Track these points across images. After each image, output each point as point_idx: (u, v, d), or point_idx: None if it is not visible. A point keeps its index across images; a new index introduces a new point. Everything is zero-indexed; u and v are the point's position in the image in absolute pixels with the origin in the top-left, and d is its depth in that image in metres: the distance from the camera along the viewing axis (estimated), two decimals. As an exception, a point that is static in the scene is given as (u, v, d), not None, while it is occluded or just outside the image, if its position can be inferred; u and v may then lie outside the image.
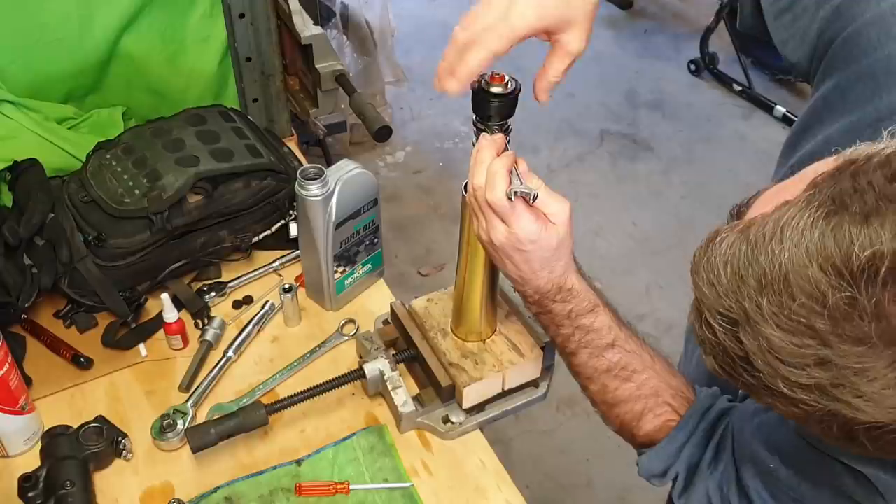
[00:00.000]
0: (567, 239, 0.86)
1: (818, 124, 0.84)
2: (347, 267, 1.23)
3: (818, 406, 0.55)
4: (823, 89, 0.83)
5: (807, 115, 0.87)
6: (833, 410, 0.55)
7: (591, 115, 3.58)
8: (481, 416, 1.10)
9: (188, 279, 1.28)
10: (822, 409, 0.55)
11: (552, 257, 0.86)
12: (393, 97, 3.42)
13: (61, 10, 1.30)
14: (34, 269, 1.15)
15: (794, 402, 0.56)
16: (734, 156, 3.31)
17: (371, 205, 1.20)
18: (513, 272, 0.89)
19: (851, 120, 0.78)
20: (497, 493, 1.03)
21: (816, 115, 0.84)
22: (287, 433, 1.09)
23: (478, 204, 0.87)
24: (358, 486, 1.02)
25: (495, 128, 0.86)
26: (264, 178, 1.27)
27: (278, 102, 1.53)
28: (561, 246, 0.86)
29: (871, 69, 0.76)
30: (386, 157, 3.30)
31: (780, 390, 0.56)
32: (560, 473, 2.23)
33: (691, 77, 3.83)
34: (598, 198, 3.14)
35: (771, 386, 0.57)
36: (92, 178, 1.22)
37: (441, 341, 1.10)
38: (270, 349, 1.20)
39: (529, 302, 0.92)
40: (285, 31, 1.49)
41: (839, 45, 0.80)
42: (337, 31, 2.87)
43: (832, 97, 0.82)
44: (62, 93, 1.40)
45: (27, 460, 1.04)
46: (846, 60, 0.79)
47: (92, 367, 1.16)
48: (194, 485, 1.03)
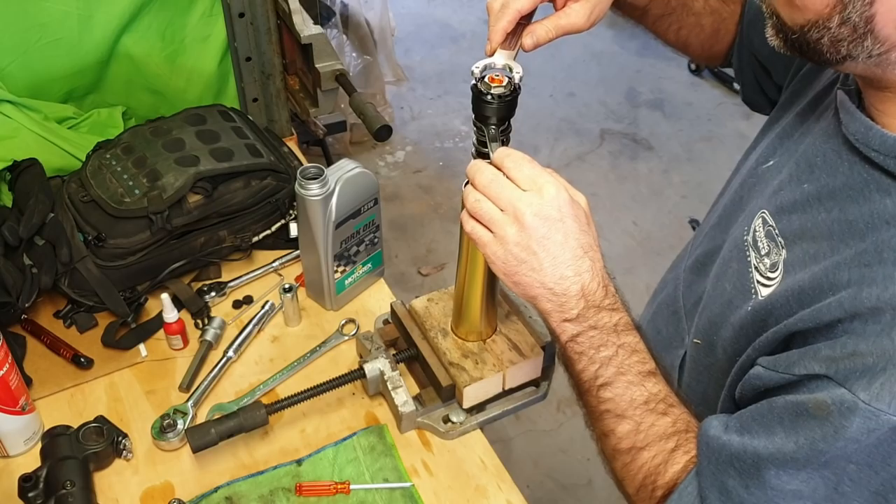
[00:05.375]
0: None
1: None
2: (347, 267, 1.23)
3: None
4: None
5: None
6: None
7: (591, 115, 3.58)
8: (481, 415, 1.10)
9: (188, 279, 1.28)
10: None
11: (589, 239, 0.78)
12: (393, 97, 3.42)
13: (61, 10, 1.30)
14: (34, 269, 1.15)
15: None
16: (735, 155, 3.26)
17: (371, 204, 1.20)
18: (551, 274, 0.76)
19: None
20: (497, 493, 1.03)
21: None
22: (287, 433, 1.09)
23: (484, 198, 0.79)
24: (358, 485, 1.02)
25: (493, 128, 0.86)
26: (264, 177, 1.27)
27: (278, 102, 1.53)
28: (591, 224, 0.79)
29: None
30: (386, 157, 3.30)
31: None
32: (560, 473, 2.23)
33: (692, 76, 3.83)
34: (599, 197, 3.14)
35: None
36: (92, 177, 1.22)
37: (441, 341, 1.10)
38: (270, 349, 1.20)
39: (569, 320, 0.78)
40: (285, 30, 1.49)
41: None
42: (337, 31, 2.88)
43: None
44: (62, 93, 1.40)
45: (27, 460, 1.04)
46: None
47: (92, 367, 1.16)
48: (194, 485, 1.03)
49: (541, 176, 0.78)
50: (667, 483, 0.78)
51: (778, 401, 0.70)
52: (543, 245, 0.76)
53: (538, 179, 0.78)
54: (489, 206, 0.79)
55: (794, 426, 0.67)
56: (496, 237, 0.78)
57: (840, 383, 0.65)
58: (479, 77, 0.84)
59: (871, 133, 0.71)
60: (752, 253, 0.83)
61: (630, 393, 0.78)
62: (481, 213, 0.79)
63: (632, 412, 0.78)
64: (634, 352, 0.79)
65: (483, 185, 0.79)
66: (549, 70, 3.76)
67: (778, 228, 0.80)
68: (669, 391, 0.80)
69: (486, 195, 0.79)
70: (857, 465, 0.66)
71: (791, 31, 0.70)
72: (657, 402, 0.78)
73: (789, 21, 0.70)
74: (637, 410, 0.78)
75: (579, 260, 0.77)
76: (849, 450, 0.65)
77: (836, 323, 0.68)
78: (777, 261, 0.78)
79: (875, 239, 0.69)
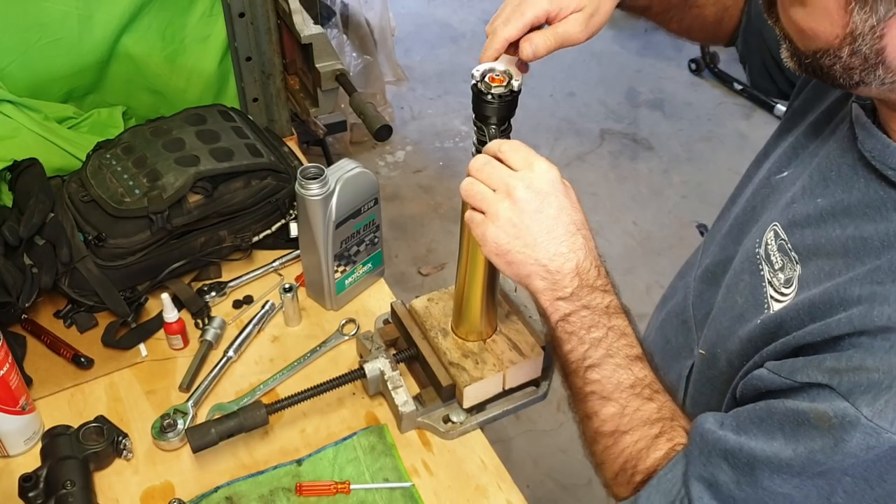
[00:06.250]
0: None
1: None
2: (347, 266, 1.23)
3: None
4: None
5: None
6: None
7: (591, 115, 3.58)
8: (482, 415, 1.10)
9: (188, 279, 1.28)
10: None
11: (581, 215, 0.79)
12: (393, 96, 3.42)
13: (61, 10, 1.30)
14: (34, 269, 1.15)
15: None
16: (735, 155, 3.31)
17: (371, 204, 1.20)
18: (545, 249, 0.76)
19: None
20: (497, 493, 1.03)
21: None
22: (287, 433, 1.09)
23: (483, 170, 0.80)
24: (358, 485, 1.02)
25: (493, 128, 0.86)
26: (264, 177, 1.27)
27: (278, 102, 1.53)
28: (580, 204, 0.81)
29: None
30: (386, 157, 3.30)
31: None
32: (560, 473, 2.23)
33: (692, 76, 3.83)
34: (599, 197, 3.14)
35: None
36: (92, 177, 1.22)
37: (441, 341, 1.10)
38: (271, 349, 1.20)
39: (562, 298, 0.78)
40: (285, 30, 1.49)
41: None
42: (337, 31, 2.88)
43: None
44: (62, 92, 1.40)
45: (27, 460, 1.04)
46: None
47: (92, 366, 1.16)
48: (195, 484, 1.03)
49: (532, 155, 0.80)
50: (647, 468, 0.78)
51: (778, 405, 0.70)
52: (537, 219, 0.77)
53: (529, 157, 0.79)
54: (481, 187, 0.80)
55: (795, 434, 0.67)
56: (488, 215, 0.79)
57: (843, 395, 0.64)
58: (479, 78, 0.84)
59: (889, 151, 0.71)
60: (766, 267, 0.82)
61: (617, 376, 0.79)
62: (474, 194, 0.80)
63: (617, 395, 0.79)
64: (623, 335, 0.79)
65: (476, 169, 0.81)
66: (549, 70, 3.76)
67: (791, 243, 0.80)
68: (655, 377, 0.80)
69: (479, 178, 0.80)
70: (853, 478, 0.66)
71: (804, 56, 0.70)
72: (643, 387, 0.79)
73: (802, 46, 0.70)
74: (623, 394, 0.78)
75: (573, 236, 0.78)
76: (846, 463, 0.65)
77: (844, 337, 0.67)
78: (792, 276, 0.78)
79: (890, 258, 0.68)
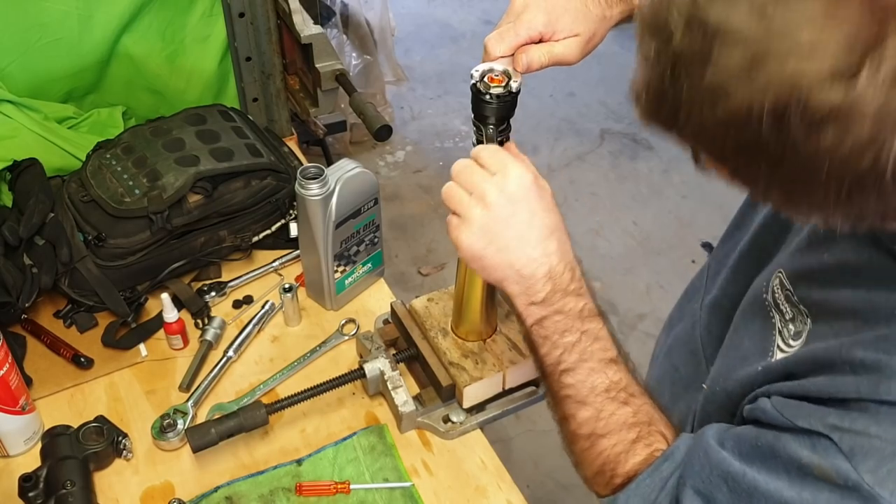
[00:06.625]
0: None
1: None
2: (347, 266, 1.23)
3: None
4: None
5: None
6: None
7: (591, 115, 3.58)
8: (482, 415, 1.10)
9: (188, 279, 1.28)
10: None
11: (556, 219, 0.80)
12: (393, 96, 3.42)
13: (61, 10, 1.30)
14: (34, 269, 1.15)
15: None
16: (734, 155, 3.30)
17: (371, 204, 1.20)
18: (517, 254, 0.78)
19: None
20: (497, 493, 1.03)
21: None
22: (287, 433, 1.09)
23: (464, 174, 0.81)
24: (358, 485, 1.02)
25: (492, 128, 0.86)
26: (264, 177, 1.27)
27: (278, 102, 1.53)
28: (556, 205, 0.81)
29: None
30: (386, 157, 3.30)
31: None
32: (560, 473, 2.23)
33: (692, 76, 3.82)
34: (599, 197, 3.14)
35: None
36: (92, 177, 1.22)
37: (441, 341, 1.10)
38: (270, 349, 1.20)
39: (535, 303, 0.80)
40: (285, 30, 1.49)
41: None
42: (337, 31, 2.88)
43: None
44: (62, 93, 1.40)
45: (27, 460, 1.04)
46: None
47: (92, 366, 1.16)
48: (195, 484, 1.03)
49: (507, 159, 0.80)
50: (626, 472, 0.78)
51: (781, 449, 0.68)
52: (509, 224, 0.78)
53: (504, 161, 0.80)
54: (458, 190, 0.81)
55: (801, 481, 0.67)
56: (463, 220, 0.80)
57: (844, 454, 0.64)
58: (478, 78, 0.84)
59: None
60: (777, 315, 0.80)
61: (592, 380, 0.79)
62: (451, 197, 0.81)
63: (592, 399, 0.79)
64: (597, 339, 0.80)
65: (456, 173, 0.82)
66: (549, 70, 3.71)
67: (797, 296, 0.77)
68: (631, 380, 0.80)
69: (458, 182, 0.82)
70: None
71: None
72: (618, 391, 0.79)
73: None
74: (598, 398, 0.79)
75: (545, 241, 0.79)
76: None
77: (850, 401, 0.66)
78: (802, 330, 0.76)
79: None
